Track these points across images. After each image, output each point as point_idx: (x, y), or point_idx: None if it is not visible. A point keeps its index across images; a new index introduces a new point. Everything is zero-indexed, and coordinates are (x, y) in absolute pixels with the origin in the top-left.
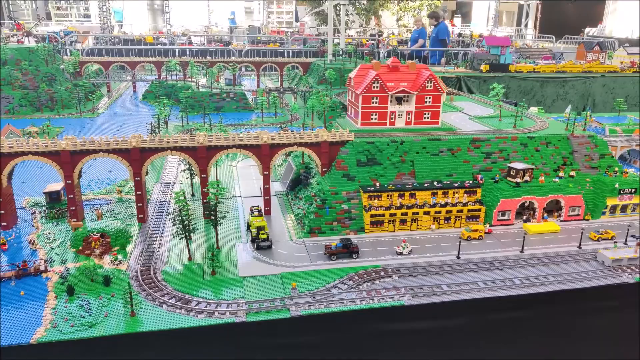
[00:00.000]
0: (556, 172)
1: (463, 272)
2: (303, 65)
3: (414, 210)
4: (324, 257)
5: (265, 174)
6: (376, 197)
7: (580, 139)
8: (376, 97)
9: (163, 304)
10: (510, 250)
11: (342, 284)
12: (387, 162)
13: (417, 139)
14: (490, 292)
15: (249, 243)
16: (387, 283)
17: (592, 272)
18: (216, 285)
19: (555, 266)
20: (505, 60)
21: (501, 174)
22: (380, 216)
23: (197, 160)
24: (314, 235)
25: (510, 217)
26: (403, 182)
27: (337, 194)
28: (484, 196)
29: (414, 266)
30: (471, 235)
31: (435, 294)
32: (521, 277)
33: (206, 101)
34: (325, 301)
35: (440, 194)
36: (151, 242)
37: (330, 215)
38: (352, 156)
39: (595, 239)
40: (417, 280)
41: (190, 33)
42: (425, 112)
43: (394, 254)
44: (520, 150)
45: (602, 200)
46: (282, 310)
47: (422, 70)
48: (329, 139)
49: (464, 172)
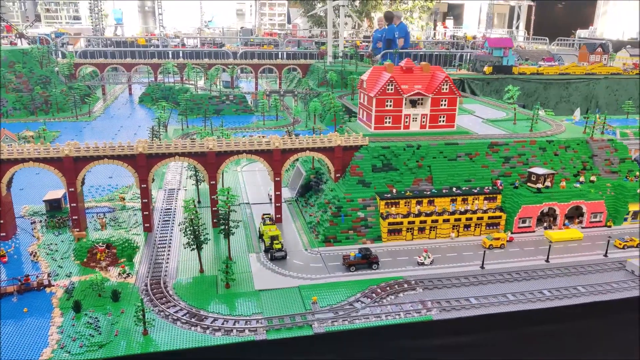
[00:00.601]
0: (576, 177)
1: (489, 283)
2: (302, 67)
3: (433, 218)
4: (342, 268)
5: (276, 180)
6: (393, 204)
7: (600, 142)
8: (390, 100)
9: (177, 321)
10: (535, 259)
11: (365, 297)
12: (404, 167)
13: (433, 143)
14: (520, 305)
15: (262, 253)
16: (411, 296)
17: (623, 282)
18: (231, 299)
19: (584, 276)
20: (508, 62)
21: (520, 179)
22: (399, 224)
23: (207, 167)
24: (329, 244)
25: (531, 224)
26: (420, 189)
27: (352, 200)
28: (504, 202)
29: (438, 277)
30: (493, 244)
31: (463, 308)
32: (550, 288)
33: (205, 104)
34: (349, 317)
35: (459, 200)
36: (159, 252)
37: (345, 223)
38: (367, 161)
39: (620, 246)
40: (442, 293)
41: (182, 35)
42: (441, 115)
43: (414, 264)
44: (539, 155)
45: (624, 206)
46: (303, 327)
47: (436, 72)
48: (343, 143)
49: (482, 177)
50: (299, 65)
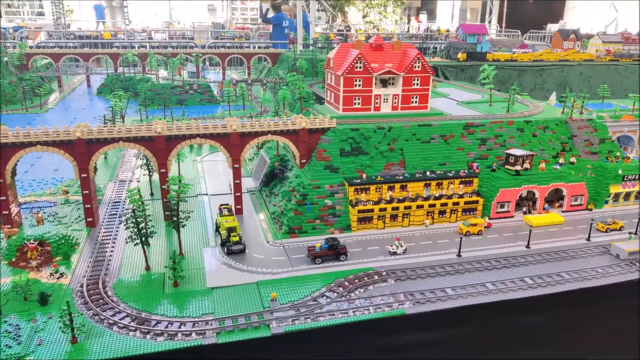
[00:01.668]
0: (555, 158)
1: (467, 272)
2: (271, 56)
3: (405, 204)
4: (307, 261)
5: (235, 168)
6: (363, 190)
7: (579, 122)
8: (359, 79)
9: (113, 326)
10: (515, 245)
11: (331, 291)
12: (374, 151)
13: (406, 124)
14: (500, 295)
15: (218, 247)
16: (382, 289)
17: (609, 267)
18: (179, 299)
19: (567, 262)
20: (482, 48)
21: (498, 161)
22: (369, 212)
23: (155, 153)
24: (294, 235)
25: (510, 209)
26: (392, 173)
27: (319, 187)
28: (481, 186)
29: (411, 267)
30: (470, 230)
31: (439, 300)
32: (532, 275)
33: (167, 94)
34: (312, 314)
35: (433, 185)
36: (102, 249)
37: (311, 213)
38: (334, 145)
39: (603, 230)
40: (416, 284)
41: (150, 29)
42: (413, 95)
43: (386, 254)
44: (517, 136)
45: (605, 188)
46: (260, 327)
47: (408, 49)
48: (308, 126)
49: (457, 160)
50: (268, 54)
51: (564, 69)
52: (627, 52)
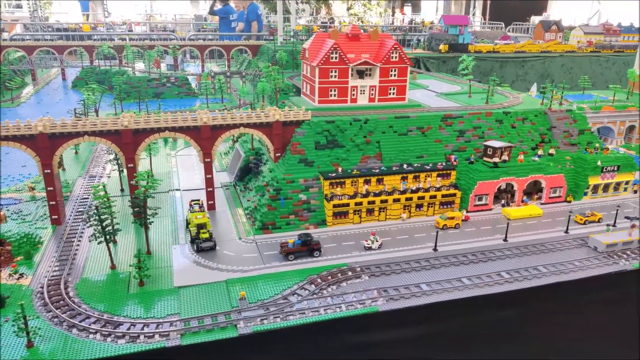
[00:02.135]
0: (534, 150)
1: (442, 267)
2: (252, 48)
3: (382, 198)
4: (280, 258)
5: (206, 162)
6: (339, 184)
7: (559, 113)
8: (335, 70)
9: (72, 328)
10: (492, 238)
11: (302, 289)
12: (350, 143)
13: (382, 116)
14: (476, 290)
15: (188, 245)
16: (356, 285)
17: (586, 260)
18: (144, 299)
19: (544, 255)
20: (464, 40)
21: (476, 154)
22: (345, 206)
23: (122, 147)
24: (267, 231)
25: (488, 201)
26: (369, 166)
27: (293, 182)
28: (459, 179)
29: (386, 263)
30: (447, 224)
31: (413, 296)
32: (509, 269)
33: (144, 87)
34: (282, 313)
35: (410, 178)
36: (66, 248)
37: (285, 208)
38: (309, 138)
39: (581, 222)
40: (390, 280)
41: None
42: (391, 87)
43: (361, 249)
44: (495, 128)
45: (584, 180)
46: (227, 327)
47: (385, 39)
48: (282, 118)
49: (435, 152)
50: (248, 46)
51: (546, 61)
52: (609, 44)
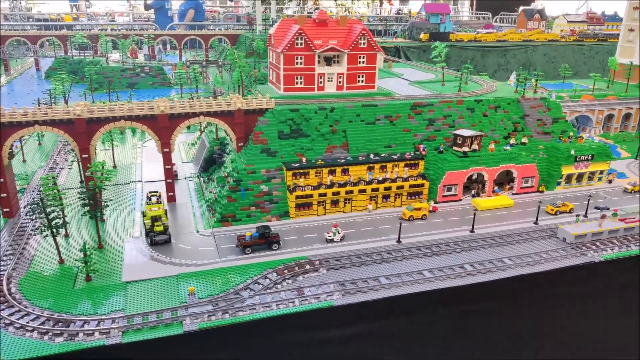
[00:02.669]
0: (507, 139)
1: (405, 259)
2: (230, 37)
3: (347, 189)
4: (237, 251)
5: (165, 152)
6: (302, 174)
7: (532, 101)
8: (301, 57)
9: (9, 326)
10: (459, 230)
11: (256, 283)
12: (315, 133)
13: (349, 105)
14: (437, 284)
15: (143, 238)
16: (313, 279)
17: (554, 252)
18: (90, 295)
19: (511, 246)
20: (445, 28)
21: (446, 143)
22: (308, 197)
23: (76, 137)
24: (227, 224)
25: (457, 192)
26: (334, 156)
27: (254, 172)
28: (428, 169)
29: (347, 255)
30: (413, 215)
31: (371, 289)
32: (473, 261)
33: (117, 77)
34: (232, 308)
35: (377, 168)
36: (15, 242)
37: (246, 199)
38: (272, 127)
39: (552, 212)
40: (349, 273)
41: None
42: (359, 74)
43: (323, 241)
44: (466, 116)
45: (557, 169)
46: (172, 324)
47: (354, 25)
48: (244, 106)
49: (404, 142)
50: (226, 35)
51: (528, 50)
52: (592, 33)
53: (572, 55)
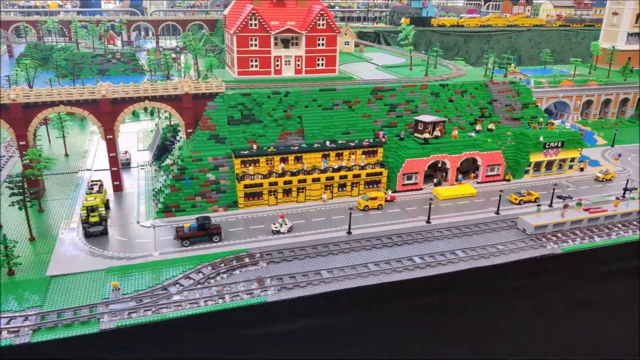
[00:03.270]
0: (473, 125)
1: (352, 251)
2: (209, 23)
3: (300, 178)
4: (177, 243)
5: (108, 139)
6: (252, 162)
7: (501, 85)
8: (255, 39)
9: None
10: (416, 220)
11: (188, 278)
12: (268, 118)
13: (305, 89)
14: (382, 277)
15: (79, 229)
16: (250, 273)
17: (511, 244)
18: (10, 290)
19: (468, 238)
20: (428, 13)
21: (408, 129)
22: (258, 186)
23: (12, 123)
24: (170, 214)
25: (418, 180)
26: (288, 143)
27: (200, 160)
28: (387, 157)
29: (292, 247)
30: (369, 205)
31: (310, 284)
32: (423, 254)
33: (88, 63)
34: (156, 305)
35: (333, 156)
36: None
37: (191, 189)
38: (222, 112)
39: (516, 202)
40: (290, 267)
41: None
42: (319, 57)
43: (269, 233)
44: (430, 101)
45: (525, 157)
46: (89, 322)
47: (312, 5)
48: (192, 90)
49: (363, 128)
50: (205, 21)
51: (513, 35)
52: (579, 17)
53: (558, 40)
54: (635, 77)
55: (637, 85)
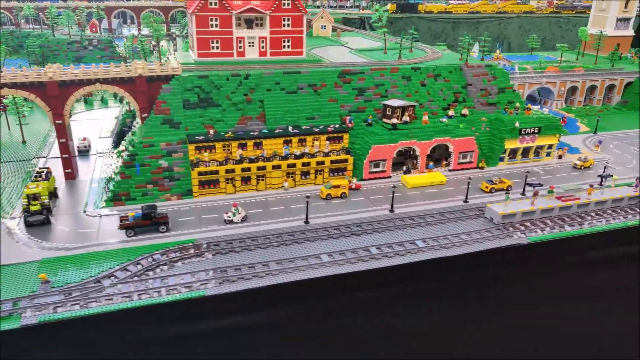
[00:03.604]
0: (445, 110)
1: (307, 241)
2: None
3: (259, 165)
4: (122, 233)
5: (57, 124)
6: (207, 148)
7: (476, 69)
8: (216, 18)
9: None
10: (380, 209)
11: (125, 270)
12: (227, 102)
13: (268, 71)
14: (334, 268)
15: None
16: (193, 265)
17: (476, 233)
18: None
19: (431, 227)
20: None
21: (377, 114)
22: (213, 174)
23: None
24: (120, 203)
25: (386, 168)
26: (248, 129)
27: (152, 146)
28: (354, 143)
29: (242, 238)
30: (331, 193)
31: (255, 276)
32: (381, 244)
33: (64, 50)
34: (85, 299)
35: (295, 142)
36: None
37: (142, 176)
38: (177, 95)
39: (487, 190)
40: (238, 258)
41: None
42: (285, 38)
43: (222, 222)
44: (401, 85)
45: (500, 144)
46: (9, 317)
47: None
48: (146, 73)
49: (329, 113)
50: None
51: (502, 22)
52: (570, 4)
53: (549, 27)
54: (623, 64)
55: (624, 71)
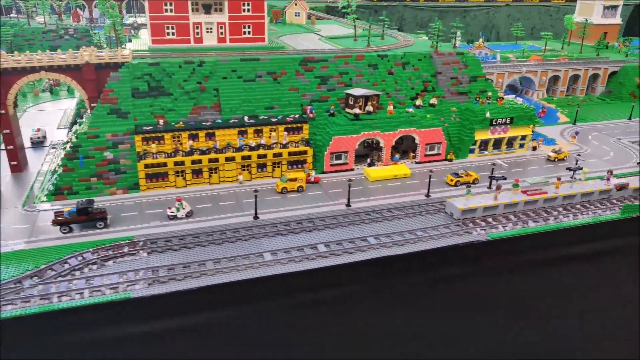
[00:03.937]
0: (413, 100)
1: (252, 238)
2: None
3: (211, 157)
4: (57, 230)
5: (1, 114)
6: (155, 139)
7: (447, 57)
8: (170, 3)
9: None
10: (336, 203)
11: (51, 270)
12: (179, 91)
13: (224, 59)
14: (277, 268)
15: None
16: (125, 264)
17: (433, 229)
18: None
19: (388, 222)
20: None
21: (340, 104)
22: (161, 166)
23: None
24: (62, 197)
25: (348, 160)
26: (202, 119)
27: (97, 137)
28: (315, 134)
29: (183, 235)
30: (287, 187)
31: (189, 277)
32: (331, 241)
33: (39, 39)
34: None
35: (251, 133)
36: None
37: (86, 168)
38: (125, 84)
39: (452, 183)
40: (175, 256)
41: None
42: (245, 24)
43: (165, 218)
44: (367, 74)
45: (470, 135)
46: None
47: None
48: (94, 60)
49: (289, 103)
50: None
51: (490, 11)
52: None
53: (538, 16)
54: (609, 53)
55: (608, 60)
